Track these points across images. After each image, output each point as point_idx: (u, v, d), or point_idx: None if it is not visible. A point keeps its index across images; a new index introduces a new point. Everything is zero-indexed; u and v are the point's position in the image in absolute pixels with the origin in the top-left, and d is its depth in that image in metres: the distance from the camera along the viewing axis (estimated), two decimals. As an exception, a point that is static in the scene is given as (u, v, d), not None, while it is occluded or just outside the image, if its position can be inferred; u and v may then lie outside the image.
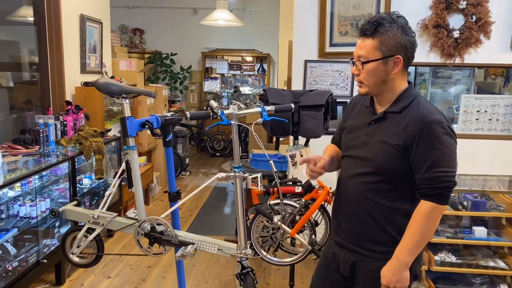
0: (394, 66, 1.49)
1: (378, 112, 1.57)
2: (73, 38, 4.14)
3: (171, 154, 2.19)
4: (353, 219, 1.60)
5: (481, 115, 3.66)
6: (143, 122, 1.96)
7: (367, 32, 1.47)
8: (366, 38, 1.48)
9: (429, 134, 1.44)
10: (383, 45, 1.46)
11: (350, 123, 1.68)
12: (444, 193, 1.45)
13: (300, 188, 2.80)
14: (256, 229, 2.83)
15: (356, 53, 1.51)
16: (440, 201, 1.45)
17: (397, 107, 1.52)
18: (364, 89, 1.54)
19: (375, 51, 1.46)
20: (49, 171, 3.18)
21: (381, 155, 1.51)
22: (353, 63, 1.54)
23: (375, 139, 1.54)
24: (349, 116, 1.72)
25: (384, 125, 1.54)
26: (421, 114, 1.47)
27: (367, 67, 1.48)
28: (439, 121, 1.45)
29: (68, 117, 3.73)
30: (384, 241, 1.55)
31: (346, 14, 3.55)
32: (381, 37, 1.46)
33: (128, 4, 8.55)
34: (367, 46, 1.47)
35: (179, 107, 7.61)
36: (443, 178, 1.44)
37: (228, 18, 5.65)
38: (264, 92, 2.78)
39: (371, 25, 1.46)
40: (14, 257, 2.78)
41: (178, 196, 2.25)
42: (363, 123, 1.61)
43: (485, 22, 3.40)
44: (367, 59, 1.47)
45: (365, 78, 1.51)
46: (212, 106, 1.85)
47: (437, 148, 1.43)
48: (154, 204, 5.08)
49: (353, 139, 1.62)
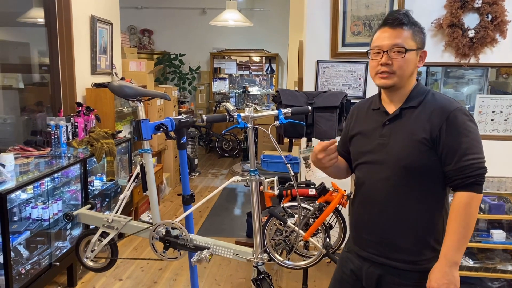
0: (420, 61, 1.49)
1: (390, 112, 1.52)
2: (84, 40, 4.14)
3: (185, 156, 2.16)
4: (379, 229, 1.53)
5: (497, 115, 3.60)
6: (158, 125, 1.93)
7: (404, 20, 1.44)
8: (399, 27, 1.44)
9: (455, 122, 1.41)
10: (416, 37, 1.46)
11: (359, 129, 1.62)
12: (479, 180, 1.41)
13: (314, 190, 2.77)
14: (270, 232, 2.80)
15: (390, 42, 1.44)
16: (476, 189, 1.41)
17: (414, 102, 1.48)
18: (392, 80, 1.46)
19: (411, 41, 1.45)
20: (61, 173, 3.17)
21: (406, 152, 1.45)
22: (377, 53, 1.47)
23: (395, 138, 1.49)
24: (354, 123, 1.65)
25: (402, 122, 1.49)
26: (441, 104, 1.46)
27: (407, 56, 1.44)
28: (461, 109, 1.44)
29: (79, 118, 3.72)
30: (415, 249, 1.49)
31: (358, 14, 3.50)
32: (413, 28, 1.46)
33: (137, 5, 8.56)
34: (403, 36, 1.44)
35: (188, 107, 7.60)
36: (476, 165, 1.40)
37: (238, 19, 5.63)
38: (277, 93, 2.74)
39: (405, 15, 1.44)
40: (27, 259, 2.77)
41: (192, 199, 2.23)
42: (375, 126, 1.55)
43: (501, 21, 3.34)
44: (406, 48, 1.43)
45: (400, 67, 1.44)
46: (229, 109, 1.82)
47: (465, 135, 1.41)
48: (164, 205, 5.07)
49: (367, 144, 1.56)
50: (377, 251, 1.53)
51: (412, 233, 1.48)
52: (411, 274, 1.48)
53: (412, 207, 1.47)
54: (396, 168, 1.47)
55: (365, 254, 1.57)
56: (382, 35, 1.47)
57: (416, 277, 1.49)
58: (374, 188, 1.53)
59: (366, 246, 1.56)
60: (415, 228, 1.48)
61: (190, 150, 6.55)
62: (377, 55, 1.48)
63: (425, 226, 1.48)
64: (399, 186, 1.48)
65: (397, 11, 1.48)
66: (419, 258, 1.48)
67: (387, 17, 1.47)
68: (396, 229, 1.49)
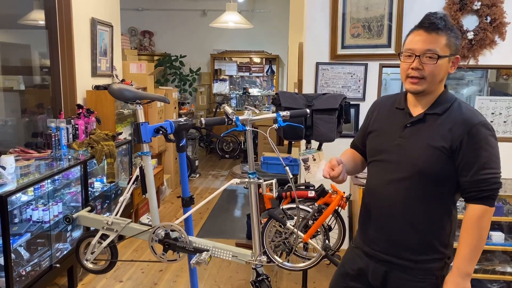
0: (452, 67, 1.49)
1: (414, 115, 1.52)
2: (84, 42, 4.15)
3: (184, 159, 2.17)
4: (387, 227, 1.55)
5: (496, 117, 3.61)
6: (157, 128, 1.95)
7: (440, 25, 1.42)
8: (434, 32, 1.42)
9: (476, 136, 1.42)
10: (451, 43, 1.44)
11: (378, 126, 1.62)
12: (493, 195, 1.44)
13: (313, 192, 2.78)
14: (269, 234, 2.81)
15: (423, 46, 1.43)
16: (490, 203, 1.43)
17: (439, 109, 1.48)
18: (422, 86, 1.46)
19: (445, 47, 1.43)
20: (61, 175, 3.18)
21: (424, 158, 1.46)
22: (409, 56, 1.46)
23: (414, 142, 1.49)
24: (375, 119, 1.66)
25: (425, 127, 1.49)
26: (466, 116, 1.45)
27: (439, 62, 1.43)
28: (484, 124, 1.44)
29: (79, 120, 3.73)
30: (420, 249, 1.51)
31: (358, 16, 3.51)
32: (449, 34, 1.44)
33: (137, 7, 8.58)
34: (438, 42, 1.42)
35: (188, 109, 7.62)
36: (492, 180, 1.42)
37: (238, 20, 5.64)
38: (276, 95, 2.75)
39: (441, 20, 1.42)
40: (27, 261, 2.78)
41: (191, 201, 2.24)
42: (396, 126, 1.55)
43: (500, 23, 3.35)
44: (441, 54, 1.42)
45: (432, 73, 1.44)
46: (227, 112, 1.83)
47: (485, 149, 1.42)
48: (164, 207, 5.08)
49: (385, 142, 1.57)
50: (383, 248, 1.56)
51: (418, 234, 1.50)
52: (414, 272, 1.51)
53: (421, 209, 1.49)
54: (411, 171, 1.48)
55: (371, 252, 1.60)
56: (415, 38, 1.45)
57: (420, 274, 1.52)
58: (386, 187, 1.54)
59: (373, 243, 1.59)
60: (422, 229, 1.50)
61: (191, 152, 6.56)
62: (408, 58, 1.47)
63: (432, 228, 1.50)
64: (411, 189, 1.49)
65: (434, 14, 1.44)
66: (422, 257, 1.51)
67: (424, 20, 1.45)
68: (403, 229, 1.52)
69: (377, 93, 3.60)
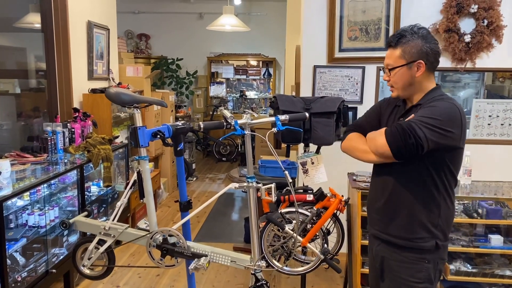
0: (418, 70, 1.70)
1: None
2: (81, 45, 4.13)
3: (182, 163, 2.15)
4: (383, 207, 1.78)
5: (493, 119, 3.61)
6: (155, 132, 1.93)
7: (392, 43, 1.72)
8: (391, 48, 1.73)
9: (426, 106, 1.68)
10: (406, 53, 1.69)
11: (385, 119, 1.87)
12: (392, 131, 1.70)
13: (312, 196, 2.76)
14: (267, 238, 2.79)
15: (385, 62, 1.76)
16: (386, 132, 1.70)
17: (422, 101, 1.72)
18: (395, 92, 1.76)
19: (399, 59, 1.70)
20: (58, 180, 3.16)
21: None
22: (383, 71, 1.80)
23: None
24: (384, 112, 1.89)
25: (408, 116, 1.71)
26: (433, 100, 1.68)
27: (394, 72, 1.72)
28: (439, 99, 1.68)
29: (75, 124, 3.71)
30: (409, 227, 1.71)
31: (355, 19, 3.51)
32: (403, 46, 1.70)
33: (134, 10, 8.56)
34: (393, 56, 1.72)
35: (185, 112, 7.60)
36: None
37: (235, 23, 5.64)
38: (274, 99, 2.74)
39: (395, 37, 1.72)
40: (23, 267, 2.75)
41: (189, 206, 2.21)
42: (393, 119, 1.83)
43: (496, 26, 3.35)
44: (393, 66, 1.72)
45: (395, 82, 1.74)
46: (226, 115, 1.82)
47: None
48: (161, 210, 5.06)
49: None
50: (380, 227, 1.80)
51: (408, 212, 1.71)
52: (409, 251, 1.70)
53: (412, 189, 1.70)
54: None
55: (374, 232, 1.84)
56: (386, 55, 1.77)
57: (412, 255, 1.70)
58: (383, 171, 1.78)
59: (374, 224, 1.84)
60: (412, 208, 1.70)
61: (188, 155, 6.53)
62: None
63: (421, 207, 1.69)
64: (398, 172, 1.72)
65: (393, 34, 1.74)
66: (413, 236, 1.70)
67: (387, 40, 1.88)
68: (396, 208, 1.73)
69: (374, 96, 3.60)
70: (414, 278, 1.70)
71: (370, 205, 1.89)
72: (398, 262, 1.74)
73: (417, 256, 1.71)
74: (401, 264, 1.73)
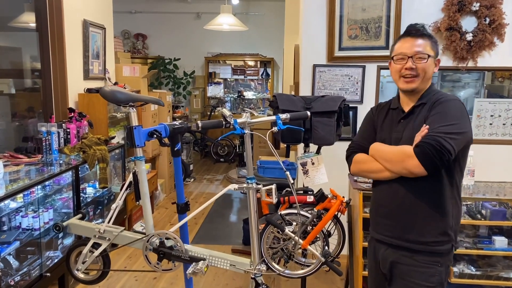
0: (435, 67, 1.72)
1: (406, 111, 1.73)
2: (76, 44, 4.07)
3: (179, 163, 2.09)
4: (394, 213, 1.70)
5: (495, 119, 3.56)
6: (151, 132, 1.86)
7: (425, 32, 1.69)
8: (420, 38, 1.67)
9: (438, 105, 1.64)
10: (434, 46, 1.70)
11: (379, 124, 1.81)
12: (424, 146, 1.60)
13: (312, 197, 2.70)
14: (267, 240, 2.73)
15: (412, 50, 1.66)
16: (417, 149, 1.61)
17: (424, 99, 1.69)
18: (415, 83, 1.67)
19: (431, 49, 1.68)
20: (52, 181, 3.09)
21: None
22: (401, 59, 1.68)
23: (407, 132, 1.67)
24: (377, 119, 1.83)
25: (413, 117, 1.69)
26: (438, 96, 1.67)
27: (425, 61, 1.65)
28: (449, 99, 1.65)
29: (71, 124, 3.64)
30: (425, 231, 1.64)
31: (355, 17, 3.46)
32: (432, 39, 1.70)
33: (131, 9, 8.50)
34: (425, 44, 1.67)
35: (182, 112, 7.53)
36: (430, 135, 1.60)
37: (232, 23, 5.58)
38: (274, 98, 2.68)
39: (424, 28, 1.70)
40: (17, 270, 2.68)
41: (186, 208, 2.16)
42: (392, 122, 1.76)
43: (498, 24, 3.31)
44: (427, 54, 1.66)
45: (424, 70, 1.66)
46: (225, 114, 1.75)
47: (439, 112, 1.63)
48: (158, 212, 4.99)
49: (386, 139, 1.75)
50: (392, 234, 1.71)
51: (424, 216, 1.64)
52: (422, 255, 1.64)
53: (425, 194, 1.63)
54: None
55: (381, 238, 1.75)
56: (405, 44, 1.68)
57: (426, 258, 1.64)
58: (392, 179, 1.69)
59: (383, 229, 1.75)
60: (428, 212, 1.63)
61: (185, 156, 6.47)
62: (401, 60, 1.68)
63: (436, 211, 1.63)
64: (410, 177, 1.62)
65: (416, 24, 1.72)
66: (430, 239, 1.63)
67: (409, 29, 1.70)
68: (410, 213, 1.66)
69: (375, 95, 3.54)
70: (427, 282, 1.64)
71: (377, 210, 1.80)
72: (410, 267, 1.67)
73: (431, 260, 1.64)
74: (413, 268, 1.66)
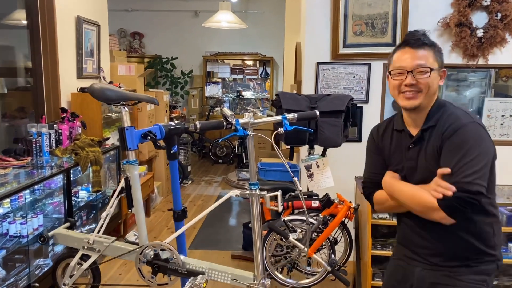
0: (441, 79, 1.51)
1: (414, 134, 1.53)
2: (69, 42, 3.90)
3: (176, 167, 1.94)
4: (429, 244, 1.53)
5: (506, 119, 3.41)
6: (145, 133, 1.70)
7: (426, 41, 1.46)
8: (421, 48, 1.46)
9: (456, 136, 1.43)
10: (438, 57, 1.49)
11: (387, 150, 1.62)
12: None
13: (318, 202, 2.55)
14: (269, 248, 2.58)
15: (412, 63, 1.45)
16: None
17: (433, 121, 1.49)
18: (418, 100, 1.47)
19: (434, 61, 1.47)
20: (42, 185, 2.93)
21: (435, 172, 1.42)
22: (400, 74, 1.47)
23: (421, 160, 1.50)
24: (383, 144, 1.63)
25: (425, 144, 1.50)
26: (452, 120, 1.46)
27: (428, 75, 1.44)
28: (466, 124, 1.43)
29: (63, 125, 3.49)
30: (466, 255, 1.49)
31: (360, 13, 3.31)
32: (434, 48, 1.48)
33: (127, 7, 8.32)
34: (427, 56, 1.46)
35: (180, 113, 7.37)
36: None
37: (231, 20, 5.42)
38: (277, 97, 2.53)
39: (425, 36, 1.47)
40: (3, 280, 2.52)
41: (184, 215, 2.00)
42: (401, 148, 1.56)
43: (511, 20, 3.16)
44: (430, 67, 1.45)
45: (426, 85, 1.45)
46: (226, 114, 1.59)
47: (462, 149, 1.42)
48: (155, 216, 4.82)
49: (398, 168, 1.57)
50: (429, 262, 1.53)
51: (462, 242, 1.48)
52: (465, 276, 1.49)
53: (460, 222, 1.44)
54: None
55: (415, 257, 1.57)
56: (404, 56, 1.48)
57: (472, 278, 1.49)
58: None
59: (418, 248, 1.56)
60: (464, 237, 1.48)
61: (183, 157, 6.30)
62: (400, 75, 1.48)
63: (474, 233, 1.47)
64: None
65: (416, 31, 1.50)
66: (472, 262, 1.49)
67: (408, 38, 1.50)
68: (445, 242, 1.50)
69: (381, 94, 3.39)
70: None
71: (410, 228, 1.60)
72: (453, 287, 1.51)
73: (478, 279, 1.49)
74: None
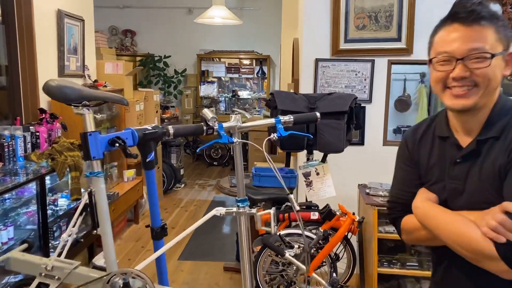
0: (506, 66, 1.03)
1: (464, 145, 1.08)
2: (49, 37, 3.63)
3: (153, 178, 1.66)
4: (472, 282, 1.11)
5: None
6: (112, 139, 1.43)
7: (484, 13, 0.98)
8: (477, 24, 0.99)
9: None
10: (501, 34, 1.00)
11: (425, 161, 1.17)
12: None
13: (317, 214, 2.28)
14: (263, 266, 2.30)
15: (465, 46, 1.00)
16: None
17: (495, 130, 1.04)
18: (473, 99, 1.02)
19: (496, 42, 1.00)
20: (14, 193, 2.66)
21: (492, 202, 0.99)
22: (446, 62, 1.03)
23: (473, 183, 1.06)
24: (419, 153, 1.19)
25: (481, 160, 1.05)
26: None
27: (493, 63, 0.99)
28: None
29: (41, 127, 3.21)
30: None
31: (363, 5, 3.05)
32: (496, 23, 1.00)
33: (119, 4, 8.04)
34: (485, 35, 0.99)
35: (172, 113, 7.09)
36: None
37: (225, 16, 5.15)
38: (271, 96, 2.26)
39: (482, 6, 0.99)
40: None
41: (163, 233, 1.72)
42: (442, 162, 1.12)
43: (526, 12, 2.90)
44: (491, 52, 0.98)
45: (485, 78, 1.00)
46: (207, 117, 1.31)
47: None
48: (144, 222, 4.54)
49: (434, 188, 1.13)
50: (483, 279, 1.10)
51: None
52: None
53: None
54: None
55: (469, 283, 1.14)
56: (451, 36, 1.02)
57: None
58: None
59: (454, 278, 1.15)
60: None
61: (175, 160, 6.02)
62: (446, 64, 1.03)
63: None
64: None
65: (468, 0, 1.01)
66: None
67: (457, 9, 1.02)
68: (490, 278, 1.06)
69: (385, 93, 3.13)
70: None
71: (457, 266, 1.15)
72: None
73: None
74: None
